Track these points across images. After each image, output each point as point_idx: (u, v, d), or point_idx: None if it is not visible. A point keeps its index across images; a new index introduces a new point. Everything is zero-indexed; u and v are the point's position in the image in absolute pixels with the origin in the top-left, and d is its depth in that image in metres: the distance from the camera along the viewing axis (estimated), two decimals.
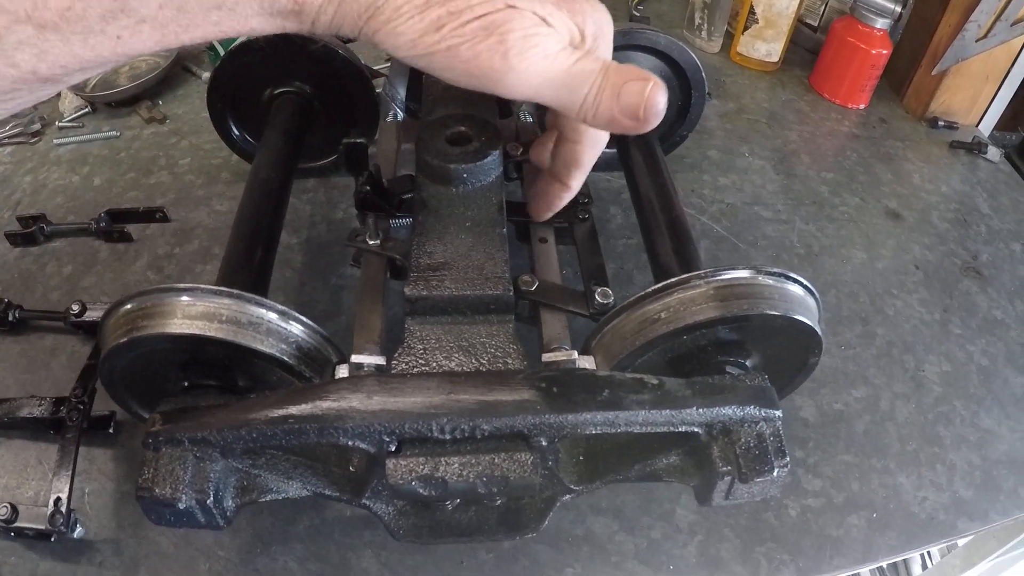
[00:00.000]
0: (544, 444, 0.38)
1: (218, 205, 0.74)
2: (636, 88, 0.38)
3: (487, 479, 0.37)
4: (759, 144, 0.87)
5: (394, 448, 0.37)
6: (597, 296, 0.49)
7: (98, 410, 0.54)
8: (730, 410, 0.39)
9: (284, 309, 0.43)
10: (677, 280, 0.43)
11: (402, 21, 0.35)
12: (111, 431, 0.55)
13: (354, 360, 0.44)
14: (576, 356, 0.45)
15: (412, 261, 0.48)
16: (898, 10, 0.86)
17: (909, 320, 0.69)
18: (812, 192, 0.82)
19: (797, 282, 0.44)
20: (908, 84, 0.95)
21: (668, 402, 0.39)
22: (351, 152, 0.47)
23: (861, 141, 0.90)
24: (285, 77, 0.68)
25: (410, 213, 0.52)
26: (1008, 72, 0.90)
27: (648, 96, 0.38)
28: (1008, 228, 0.81)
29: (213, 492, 0.38)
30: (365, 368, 0.44)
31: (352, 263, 0.54)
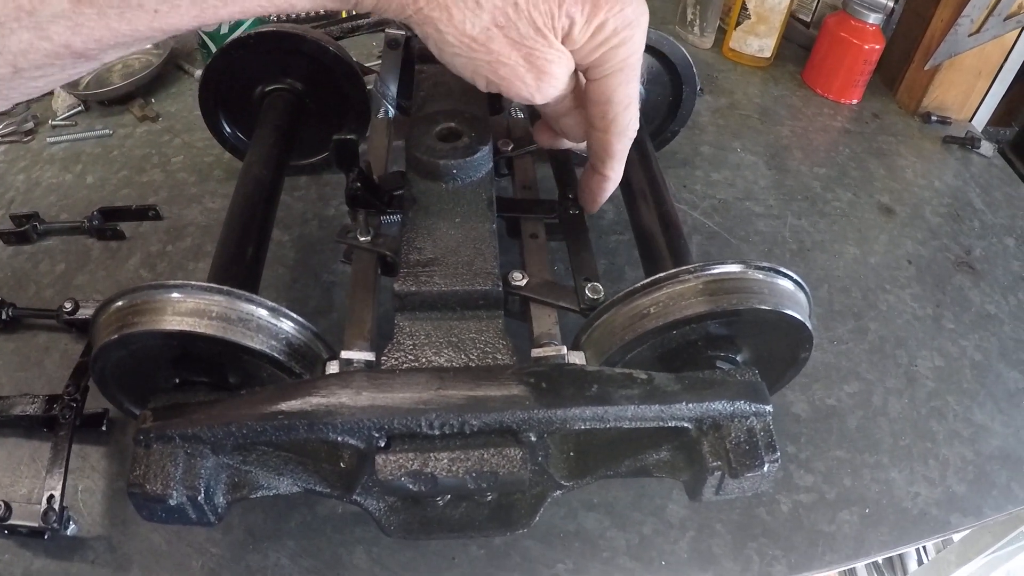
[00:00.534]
0: (533, 439, 0.39)
1: (210, 203, 0.74)
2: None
3: (476, 474, 0.37)
4: (751, 140, 0.87)
5: (383, 444, 0.38)
6: (587, 291, 0.49)
7: (91, 408, 0.54)
8: (720, 405, 0.39)
9: (274, 306, 0.42)
10: (666, 275, 0.43)
11: (455, 19, 0.37)
12: (104, 429, 0.55)
13: (344, 356, 0.44)
14: (566, 352, 0.45)
15: (402, 257, 0.48)
16: (890, 5, 0.86)
17: (902, 315, 0.69)
18: (804, 187, 0.82)
19: (787, 277, 0.44)
20: (901, 79, 0.95)
21: (657, 397, 0.39)
22: (341, 148, 0.47)
23: (854, 136, 0.90)
24: (277, 74, 0.67)
25: (401, 209, 0.52)
26: (1001, 67, 0.90)
27: None
28: (1001, 223, 0.81)
29: (204, 488, 0.38)
30: (355, 364, 0.44)
31: (343, 260, 0.54)
